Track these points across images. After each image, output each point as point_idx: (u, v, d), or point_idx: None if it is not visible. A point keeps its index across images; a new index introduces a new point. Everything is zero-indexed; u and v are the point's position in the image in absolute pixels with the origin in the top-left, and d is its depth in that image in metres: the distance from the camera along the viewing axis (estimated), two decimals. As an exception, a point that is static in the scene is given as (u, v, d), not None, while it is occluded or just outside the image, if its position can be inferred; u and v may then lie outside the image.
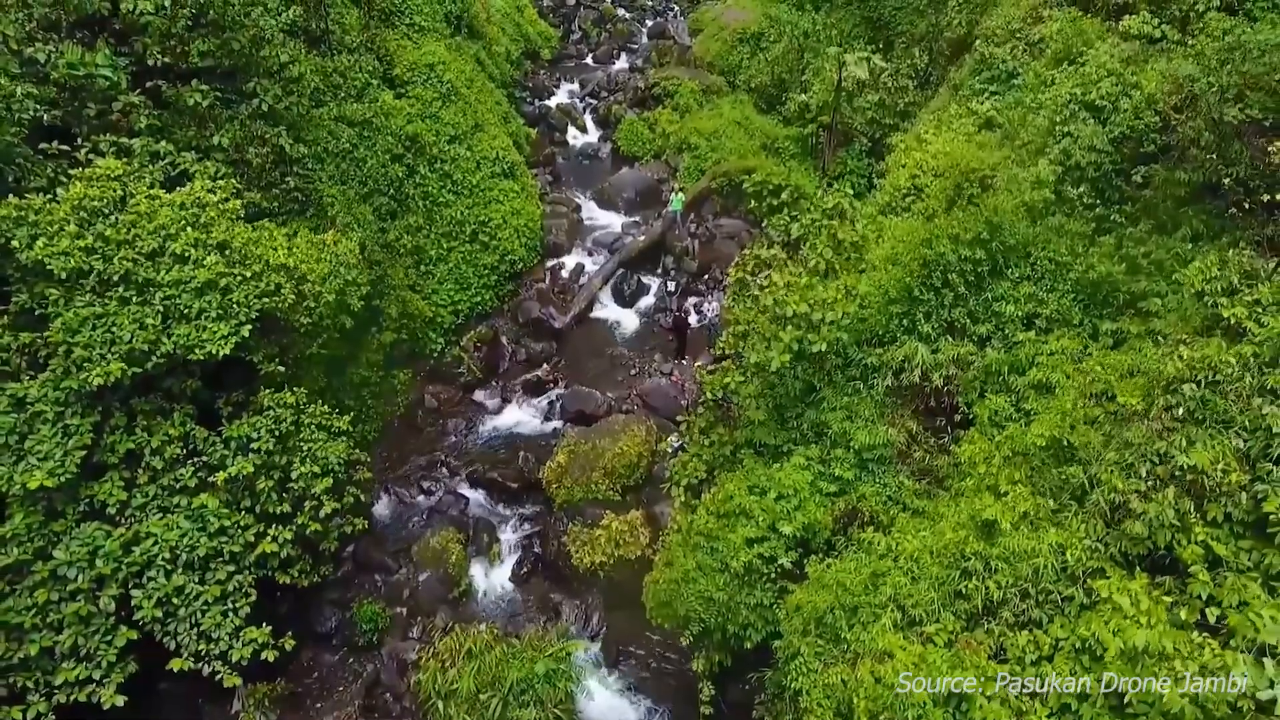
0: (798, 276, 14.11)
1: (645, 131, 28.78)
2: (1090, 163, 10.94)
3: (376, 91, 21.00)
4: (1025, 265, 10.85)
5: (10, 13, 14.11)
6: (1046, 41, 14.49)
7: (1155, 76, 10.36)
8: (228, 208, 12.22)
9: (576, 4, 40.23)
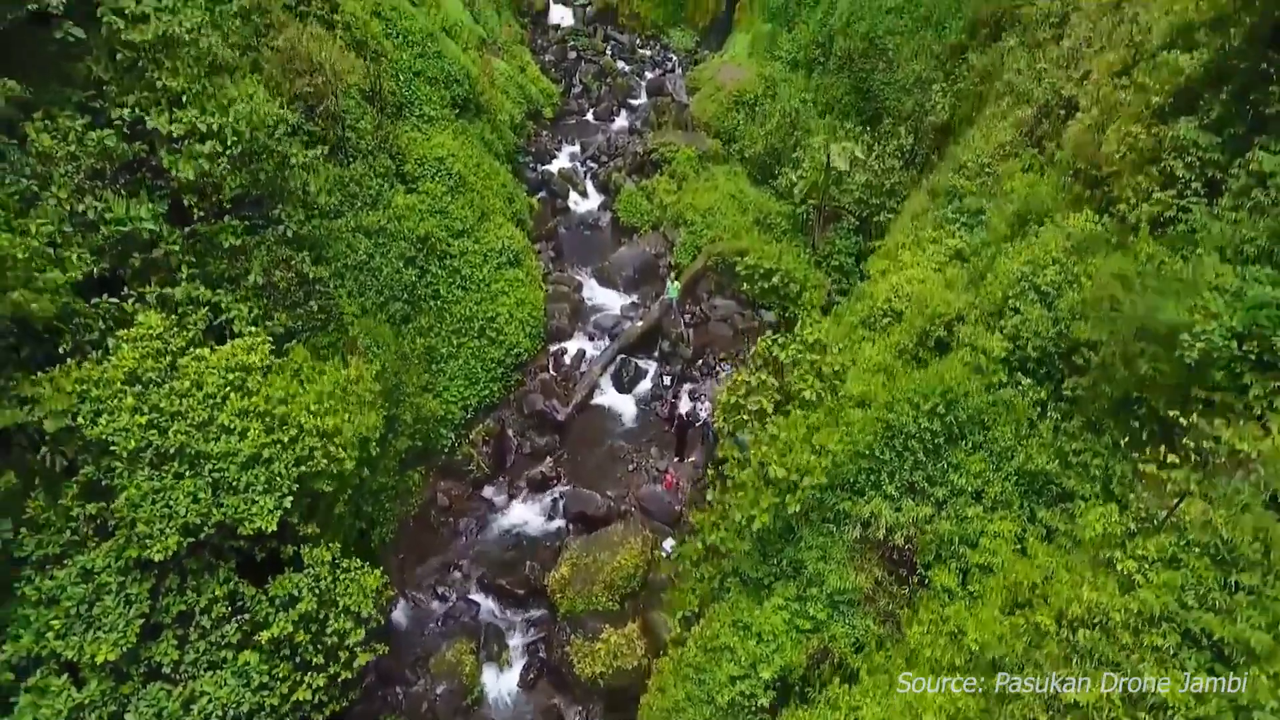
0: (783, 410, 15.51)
1: (644, 203, 30.07)
2: (1036, 346, 12.25)
3: (390, 193, 22.32)
4: (979, 434, 12.19)
5: (61, 166, 15.42)
6: (1009, 194, 15.79)
7: (1088, 285, 11.66)
8: (266, 363, 13.58)
9: (577, 58, 41.42)
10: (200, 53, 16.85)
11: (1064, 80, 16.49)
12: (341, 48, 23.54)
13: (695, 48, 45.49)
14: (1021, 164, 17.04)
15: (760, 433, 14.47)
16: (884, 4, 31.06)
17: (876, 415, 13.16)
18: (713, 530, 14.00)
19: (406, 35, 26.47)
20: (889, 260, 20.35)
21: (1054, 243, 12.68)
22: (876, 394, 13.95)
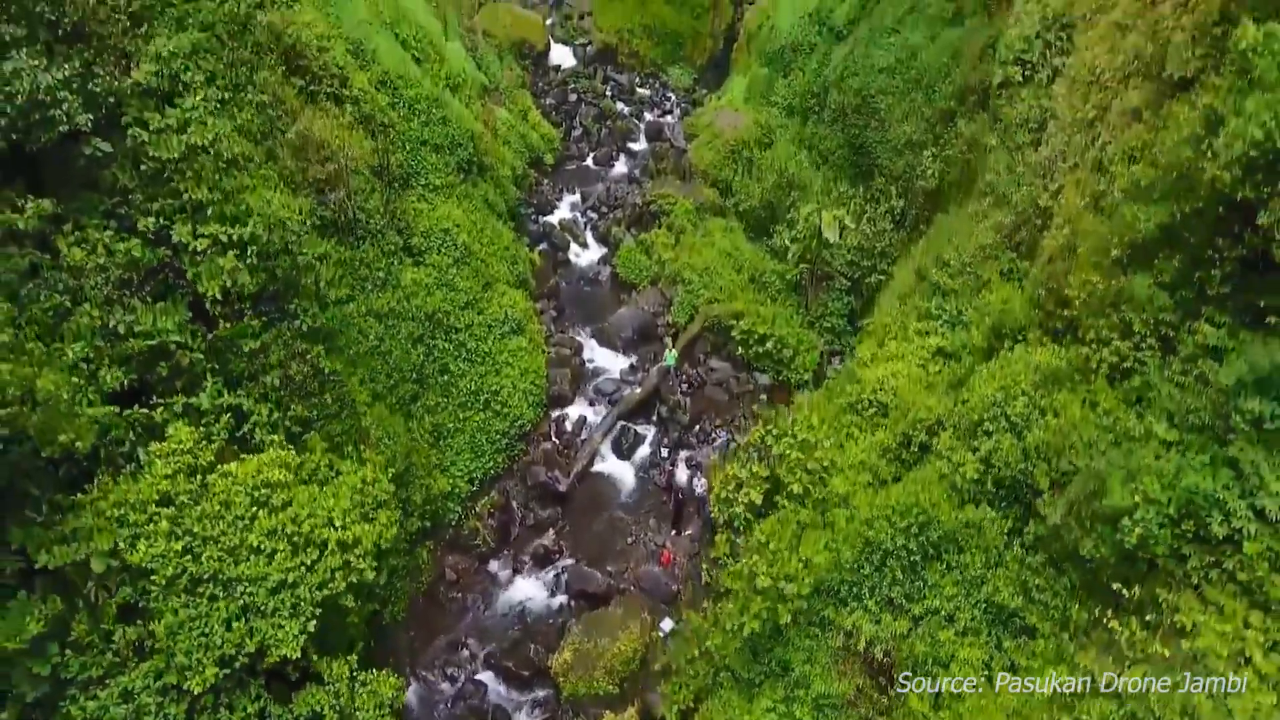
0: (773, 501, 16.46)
1: (642, 258, 30.98)
2: (1006, 475, 13.16)
3: (398, 269, 23.24)
4: (953, 554, 13.14)
5: (91, 278, 16.31)
6: (987, 307, 16.70)
7: (1053, 424, 12.59)
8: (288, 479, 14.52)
9: (578, 100, 42.26)
10: (221, 162, 17.75)
11: (1040, 190, 17.40)
12: (351, 125, 24.51)
13: (693, 85, 46.35)
14: (1001, 266, 17.97)
15: (749, 537, 15.44)
16: (876, 63, 31.86)
17: (858, 530, 14.11)
18: (707, 636, 14.96)
19: (412, 104, 27.35)
20: (877, 342, 21.30)
21: (1024, 375, 13.61)
22: (860, 503, 14.90)
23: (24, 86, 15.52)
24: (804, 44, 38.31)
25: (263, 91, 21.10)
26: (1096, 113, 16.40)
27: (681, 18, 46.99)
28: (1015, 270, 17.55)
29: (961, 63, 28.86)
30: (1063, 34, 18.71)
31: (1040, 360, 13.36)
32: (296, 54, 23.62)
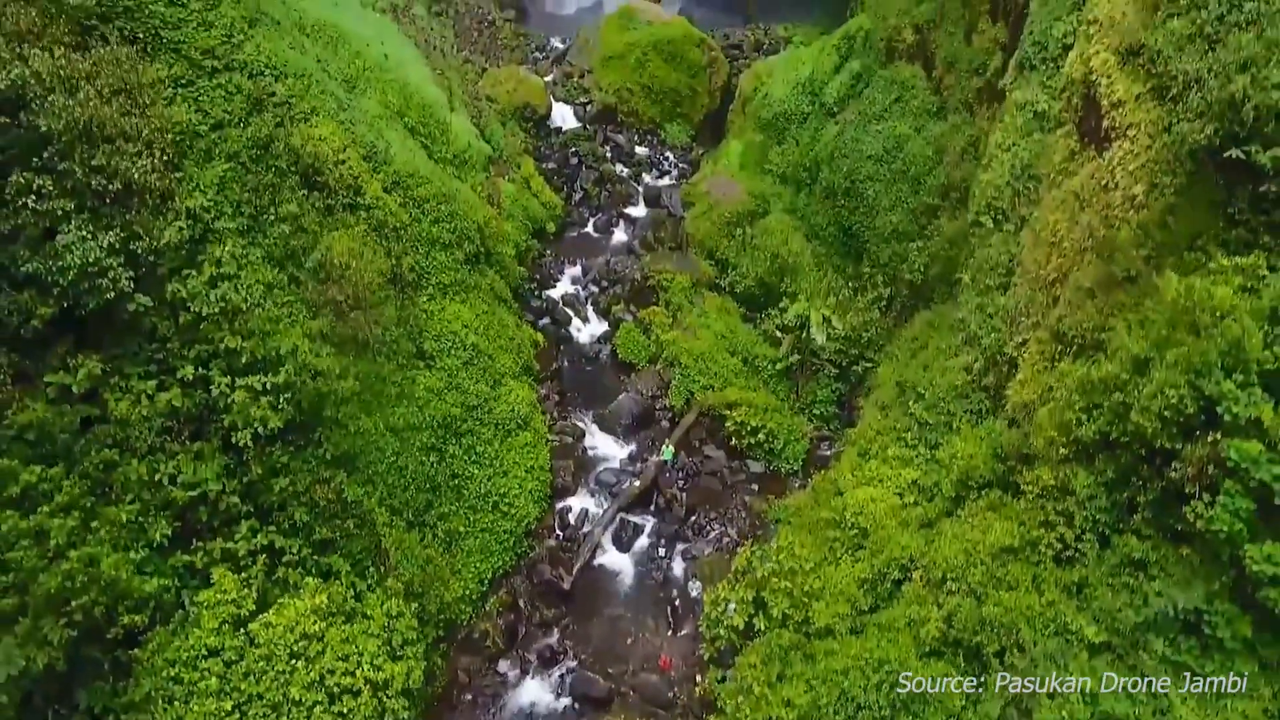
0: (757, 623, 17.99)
1: (641, 338, 32.46)
2: (966, 638, 14.66)
3: (412, 374, 24.74)
4: (919, 712, 14.67)
5: (136, 429, 17.81)
6: (955, 458, 18.19)
7: (1006, 599, 14.11)
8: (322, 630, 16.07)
9: (579, 164, 43.67)
10: (256, 319, 19.24)
11: (1006, 337, 18.91)
12: (365, 233, 25.95)
13: (690, 143, 47.77)
14: (971, 405, 19.50)
15: (736, 677, 17.00)
16: (865, 149, 33.31)
17: (835, 676, 15.64)
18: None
19: (422, 203, 28.80)
20: (859, 452, 22.85)
21: (982, 545, 15.14)
22: (838, 645, 16.45)
23: (75, 260, 17.05)
24: (797, 113, 39.77)
25: (283, 220, 22.59)
26: (1057, 275, 17.90)
27: (678, 76, 48.43)
28: (984, 411, 19.07)
29: (945, 159, 30.37)
30: (1030, 184, 20.19)
31: (996, 536, 14.87)
32: (315, 170, 25.05)
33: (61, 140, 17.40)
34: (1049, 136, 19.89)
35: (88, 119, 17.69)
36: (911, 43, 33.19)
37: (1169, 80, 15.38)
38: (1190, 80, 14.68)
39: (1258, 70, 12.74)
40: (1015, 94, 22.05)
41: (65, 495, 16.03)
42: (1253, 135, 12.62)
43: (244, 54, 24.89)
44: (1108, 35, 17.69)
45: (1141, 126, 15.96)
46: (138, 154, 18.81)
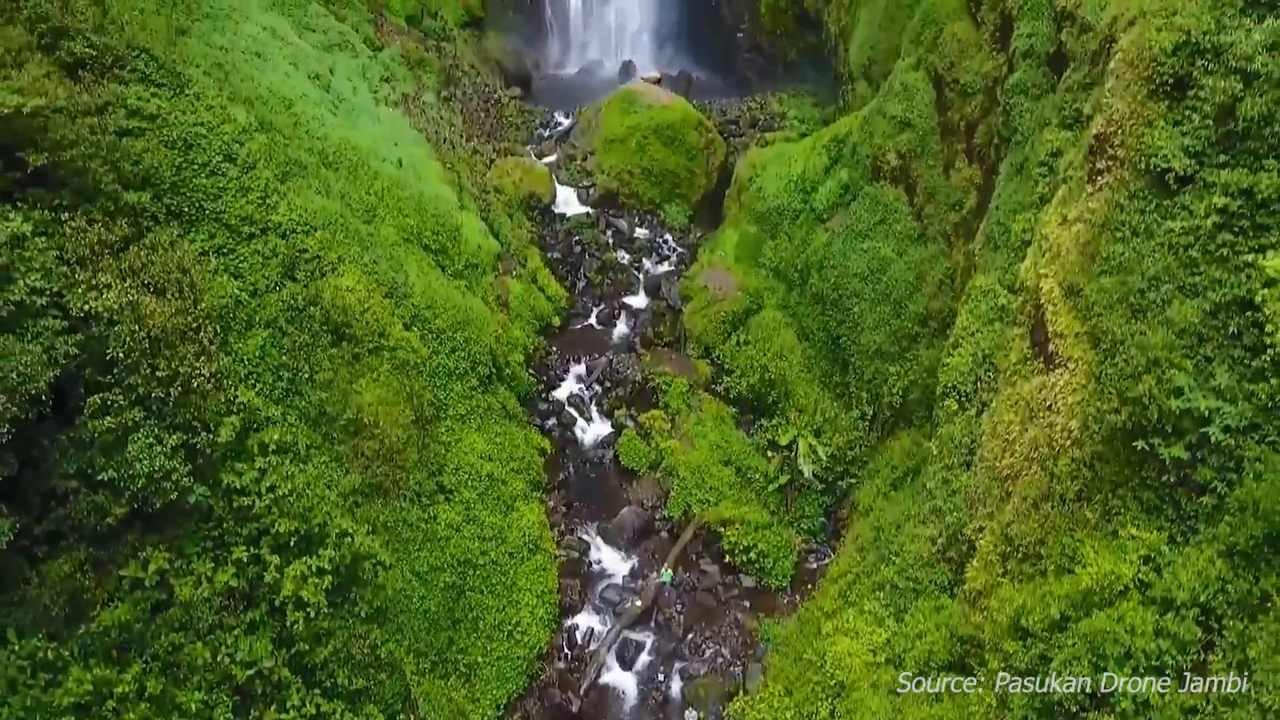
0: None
1: (641, 446, 34.83)
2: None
3: (433, 510, 27.12)
4: None
5: (199, 609, 20.17)
6: (921, 635, 20.58)
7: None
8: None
9: (582, 251, 45.97)
10: (301, 501, 21.62)
11: (967, 518, 21.27)
12: (389, 376, 28.28)
13: (689, 223, 50.04)
14: (935, 577, 21.88)
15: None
16: (851, 265, 35.62)
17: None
18: None
19: (440, 334, 31.15)
20: (839, 591, 25.26)
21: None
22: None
23: (144, 469, 19.37)
24: (789, 210, 42.11)
25: (320, 388, 24.95)
26: (1010, 472, 20.25)
27: (677, 159, 50.70)
28: (947, 584, 21.46)
29: (925, 286, 32.71)
30: (990, 374, 22.53)
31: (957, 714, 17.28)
32: (344, 323, 27.39)
33: (129, 359, 19.71)
34: (1008, 330, 22.22)
35: (153, 338, 20.00)
36: (895, 166, 35.43)
37: (1100, 333, 17.72)
38: (1116, 342, 17.03)
39: (1163, 372, 15.08)
40: (979, 278, 24.36)
41: (137, 684, 18.41)
42: (1159, 429, 14.97)
43: (278, 214, 27.27)
44: (1054, 263, 20.02)
45: (1079, 365, 18.30)
46: (196, 355, 21.13)
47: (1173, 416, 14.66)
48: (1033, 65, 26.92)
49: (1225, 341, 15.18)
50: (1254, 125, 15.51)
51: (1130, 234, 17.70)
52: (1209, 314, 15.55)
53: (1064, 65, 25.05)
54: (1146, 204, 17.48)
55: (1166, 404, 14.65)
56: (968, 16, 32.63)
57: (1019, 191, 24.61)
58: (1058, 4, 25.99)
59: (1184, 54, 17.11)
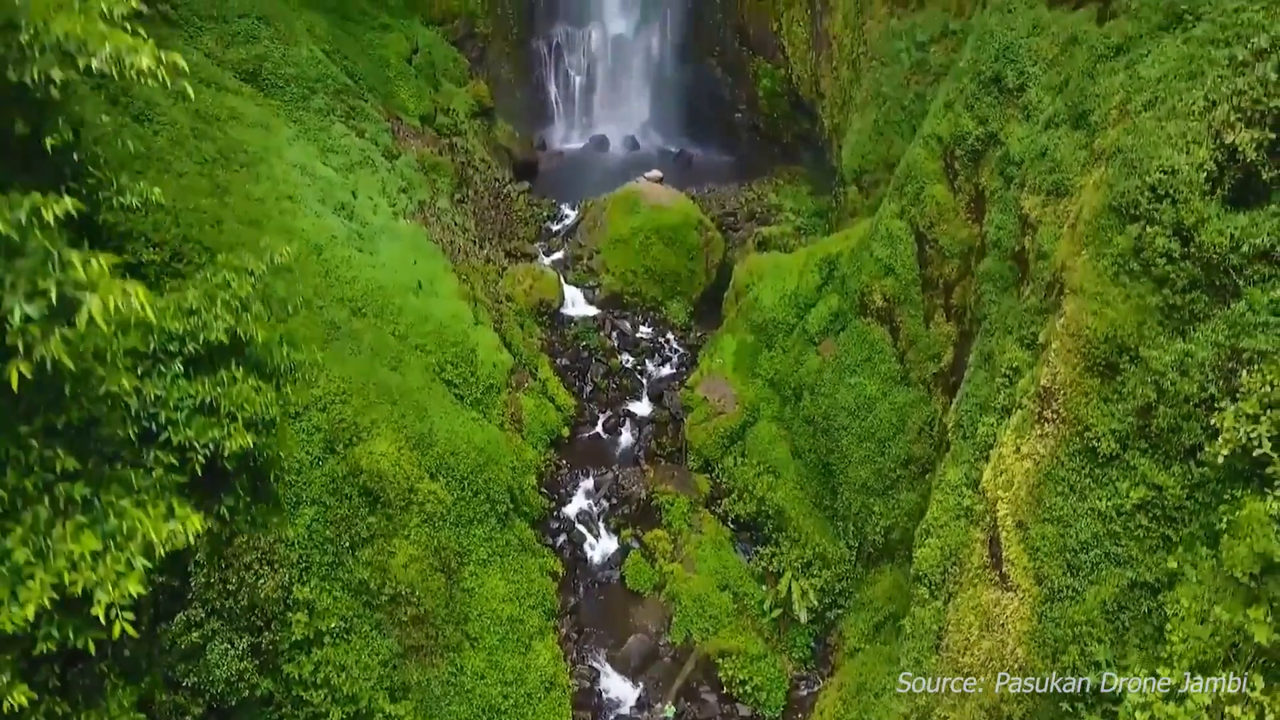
0: None
1: (646, 568, 37.86)
2: None
3: (460, 660, 30.13)
4: None
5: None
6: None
7: None
8: None
9: (589, 357, 48.95)
10: (348, 681, 24.65)
11: (935, 704, 24.26)
12: (418, 529, 31.24)
13: (689, 320, 53.00)
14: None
15: None
16: (840, 399, 38.54)
17: None
18: None
19: (464, 478, 34.13)
20: None
21: None
22: None
23: (221, 675, 22.41)
24: (784, 323, 45.04)
25: (363, 565, 27.94)
26: (969, 671, 23.24)
27: (678, 258, 53.66)
28: None
29: (906, 430, 35.67)
30: (955, 569, 25.49)
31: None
32: (378, 489, 30.35)
33: (208, 580, 22.71)
34: (973, 529, 25.20)
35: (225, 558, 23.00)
36: (880, 306, 38.35)
37: (1041, 576, 20.70)
38: (1054, 591, 20.01)
39: (1085, 645, 18.06)
40: (950, 470, 27.30)
41: None
42: (1083, 697, 17.96)
43: (319, 389, 30.24)
44: (1009, 491, 22.99)
45: (1027, 596, 21.28)
46: (261, 562, 24.15)
47: (1095, 687, 17.66)
48: (1000, 257, 29.82)
49: (1139, 618, 18.16)
50: (1164, 434, 18.46)
51: (1069, 490, 20.64)
52: (1128, 587, 18.53)
53: (1027, 267, 27.96)
54: (1081, 469, 20.41)
55: (1087, 675, 17.64)
56: (946, 181, 35.48)
57: (985, 386, 27.51)
58: (1023, 206, 28.87)
59: (1112, 345, 20.05)
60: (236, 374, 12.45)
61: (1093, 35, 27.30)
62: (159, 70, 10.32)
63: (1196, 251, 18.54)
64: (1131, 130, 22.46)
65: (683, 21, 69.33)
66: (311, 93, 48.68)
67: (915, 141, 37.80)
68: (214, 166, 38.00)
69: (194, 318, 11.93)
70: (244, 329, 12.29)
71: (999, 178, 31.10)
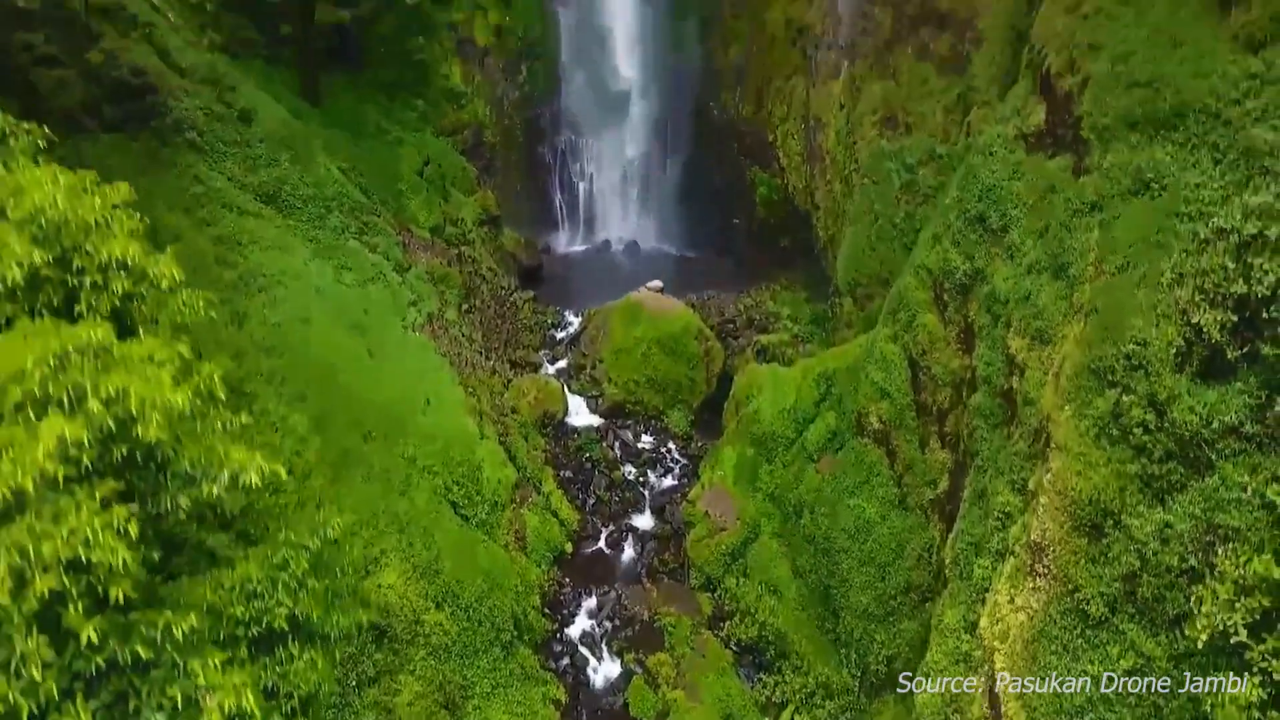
0: None
1: (650, 695, 37.74)
2: None
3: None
4: None
5: None
6: None
7: None
8: None
9: (592, 468, 49.66)
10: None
11: None
12: (424, 661, 31.40)
13: (690, 429, 53.80)
14: None
15: None
16: (839, 519, 39.04)
17: None
18: None
19: (468, 608, 34.41)
20: None
21: None
22: None
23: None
24: (783, 437, 45.82)
25: (369, 706, 28.13)
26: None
27: (679, 367, 54.85)
28: None
29: (905, 556, 36.08)
30: (957, 715, 25.70)
31: None
32: (386, 624, 30.68)
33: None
34: (973, 676, 25.48)
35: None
36: (877, 429, 39.22)
37: (1039, 738, 20.94)
38: (1051, 755, 20.24)
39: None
40: (948, 611, 27.71)
41: None
42: None
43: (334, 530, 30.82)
44: (1004, 643, 23.41)
45: (1025, 757, 21.47)
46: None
47: None
48: (990, 393, 30.83)
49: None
50: (1149, 602, 19.07)
51: (1062, 650, 21.08)
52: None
53: (1016, 408, 28.91)
54: (1073, 628, 20.91)
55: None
56: (936, 311, 36.81)
57: (979, 525, 28.13)
58: (1010, 345, 30.02)
59: (1096, 508, 20.82)
60: (294, 649, 12.97)
61: (1069, 189, 28.86)
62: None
63: (1170, 425, 19.46)
64: (1106, 290, 23.78)
65: (683, 131, 72.48)
66: (328, 211, 50.76)
67: (906, 269, 39.34)
68: (234, 293, 39.54)
69: (257, 601, 12.55)
70: (301, 609, 12.91)
71: (986, 314, 32.34)
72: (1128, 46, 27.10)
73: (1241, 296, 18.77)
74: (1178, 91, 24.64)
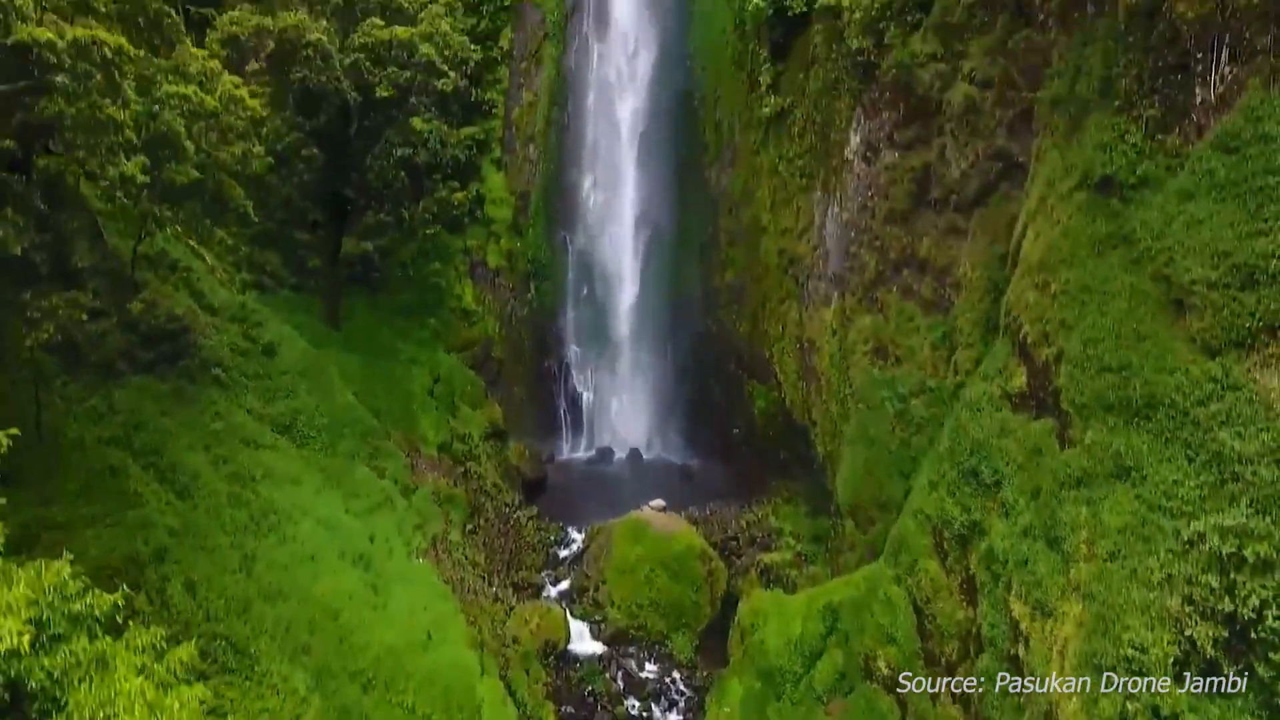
0: None
1: None
2: None
3: None
4: None
5: None
6: None
7: None
8: None
9: (594, 703, 48.17)
10: None
11: None
12: None
13: (694, 656, 52.58)
14: None
15: None
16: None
17: None
18: None
19: None
20: None
21: None
22: None
23: None
24: (790, 672, 44.76)
25: None
26: None
27: (682, 589, 54.44)
28: None
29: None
30: None
31: None
32: None
33: None
34: None
35: None
36: (886, 675, 38.64)
37: None
38: None
39: None
40: None
41: None
42: None
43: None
44: None
45: None
46: None
47: None
48: (996, 656, 30.84)
49: None
50: None
51: None
52: None
53: (1023, 674, 28.82)
54: None
55: None
56: (938, 559, 37.35)
57: None
58: (1012, 609, 30.36)
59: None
60: None
61: (1055, 457, 30.27)
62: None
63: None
64: (1100, 577, 24.55)
65: (684, 344, 75.83)
66: (340, 437, 52.43)
67: (906, 510, 40.30)
68: (244, 535, 40.25)
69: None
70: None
71: (986, 570, 32.92)
72: (1095, 332, 29.36)
73: (1230, 613, 19.58)
74: (1146, 383, 26.56)
